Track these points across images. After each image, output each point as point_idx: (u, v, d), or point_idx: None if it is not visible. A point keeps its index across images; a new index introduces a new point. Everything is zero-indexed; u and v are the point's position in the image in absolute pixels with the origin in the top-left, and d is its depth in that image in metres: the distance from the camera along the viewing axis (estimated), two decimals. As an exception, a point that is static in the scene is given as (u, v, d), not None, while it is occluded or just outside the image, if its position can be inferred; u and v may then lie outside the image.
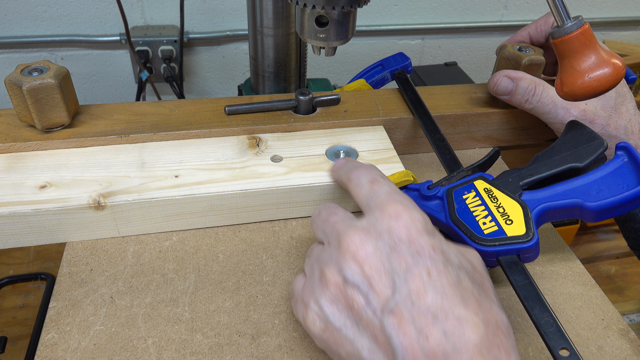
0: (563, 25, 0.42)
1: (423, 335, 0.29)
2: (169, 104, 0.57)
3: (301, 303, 0.35)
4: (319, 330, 0.33)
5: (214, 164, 0.50)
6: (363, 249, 0.33)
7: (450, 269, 0.32)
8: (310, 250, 0.38)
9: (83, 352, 0.39)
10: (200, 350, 0.39)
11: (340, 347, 0.33)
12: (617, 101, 0.54)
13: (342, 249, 0.33)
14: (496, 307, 0.32)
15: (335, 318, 0.33)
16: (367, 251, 0.33)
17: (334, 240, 0.35)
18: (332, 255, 0.34)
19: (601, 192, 0.41)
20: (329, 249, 0.35)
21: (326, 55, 0.48)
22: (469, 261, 0.34)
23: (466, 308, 0.30)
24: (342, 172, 0.43)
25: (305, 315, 0.34)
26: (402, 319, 0.30)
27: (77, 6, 1.05)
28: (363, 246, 0.33)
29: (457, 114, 0.59)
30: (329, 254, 0.34)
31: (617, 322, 0.43)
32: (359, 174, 0.39)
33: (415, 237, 0.33)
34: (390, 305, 0.31)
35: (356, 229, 0.34)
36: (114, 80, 1.17)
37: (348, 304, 0.32)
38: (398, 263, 0.32)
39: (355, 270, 0.32)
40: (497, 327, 0.30)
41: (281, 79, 0.66)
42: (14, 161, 0.49)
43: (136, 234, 0.48)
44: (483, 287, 0.33)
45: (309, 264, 0.37)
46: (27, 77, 0.47)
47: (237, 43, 1.17)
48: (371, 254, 0.32)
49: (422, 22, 1.24)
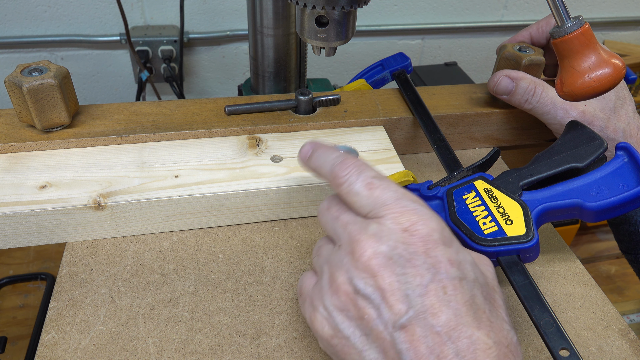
0: (563, 26, 0.42)
1: (435, 354, 0.29)
2: (169, 104, 0.57)
3: (310, 304, 0.34)
4: (327, 335, 0.33)
5: (214, 164, 0.50)
6: (376, 259, 0.31)
7: (465, 285, 0.31)
8: (318, 248, 0.37)
9: (83, 352, 0.39)
10: (200, 350, 0.39)
11: (348, 355, 0.32)
12: (617, 104, 0.54)
13: (355, 256, 0.32)
14: (507, 326, 0.31)
15: (345, 326, 0.32)
16: (380, 262, 0.31)
17: (345, 244, 0.33)
18: (344, 261, 0.33)
19: (601, 193, 0.41)
20: (339, 252, 0.33)
21: (326, 55, 0.48)
22: (483, 273, 0.34)
23: (479, 328, 0.30)
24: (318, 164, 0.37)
25: (313, 317, 0.34)
26: (415, 335, 0.29)
27: (77, 6, 1.05)
28: (377, 256, 0.31)
29: (457, 114, 0.59)
30: (340, 258, 0.33)
31: (617, 322, 0.43)
32: (348, 177, 0.34)
33: (432, 249, 0.31)
34: (402, 321, 0.30)
35: (369, 237, 0.32)
36: (114, 80, 1.17)
37: (358, 314, 0.31)
38: (413, 277, 0.30)
39: (367, 281, 0.31)
40: (507, 348, 0.30)
41: (281, 79, 0.66)
42: (14, 161, 0.49)
43: (136, 234, 0.48)
44: (494, 305, 0.32)
45: (319, 263, 0.36)
46: (27, 77, 0.47)
47: (237, 43, 1.17)
48: (384, 265, 0.31)
49: (422, 22, 1.24)
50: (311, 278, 0.36)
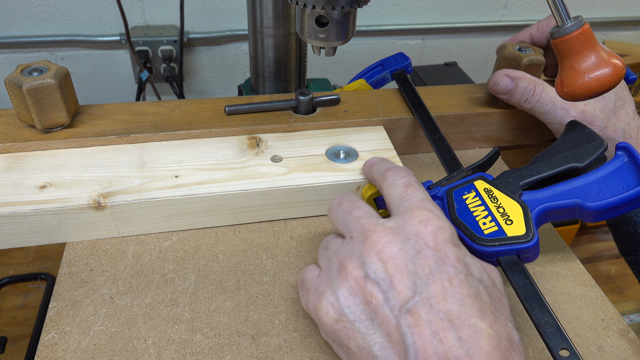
0: (563, 25, 0.42)
1: (437, 338, 0.30)
2: (169, 104, 0.57)
3: (314, 292, 0.35)
4: (331, 320, 0.33)
5: (214, 164, 0.50)
6: (389, 248, 0.33)
7: (471, 281, 0.32)
8: (325, 242, 0.38)
9: (83, 352, 0.39)
10: (200, 350, 0.39)
11: (352, 339, 0.33)
12: (617, 104, 0.54)
13: (368, 245, 0.34)
14: (511, 324, 0.32)
15: (351, 310, 0.33)
16: (392, 251, 0.33)
17: (358, 235, 0.35)
18: (355, 249, 0.34)
19: (601, 192, 0.41)
20: (351, 243, 0.35)
21: (326, 55, 0.48)
22: (490, 277, 0.35)
23: (482, 319, 0.30)
24: (376, 168, 0.43)
25: (318, 304, 0.34)
26: (419, 319, 0.30)
27: (77, 6, 1.05)
28: (389, 246, 0.33)
29: (457, 114, 0.59)
30: (351, 248, 0.35)
31: (617, 322, 0.43)
32: (395, 174, 0.40)
33: (442, 245, 0.33)
34: (408, 305, 0.31)
35: (384, 228, 0.34)
36: (114, 80, 1.17)
37: (366, 298, 0.32)
38: (421, 266, 0.32)
39: (378, 267, 0.33)
40: (510, 342, 0.31)
41: (281, 79, 0.66)
42: (14, 161, 0.49)
43: (136, 234, 0.48)
44: (500, 304, 0.33)
45: (326, 256, 0.37)
46: (27, 77, 0.47)
47: (237, 43, 1.17)
48: (396, 254, 0.33)
49: (422, 22, 1.24)
50: (314, 270, 0.37)
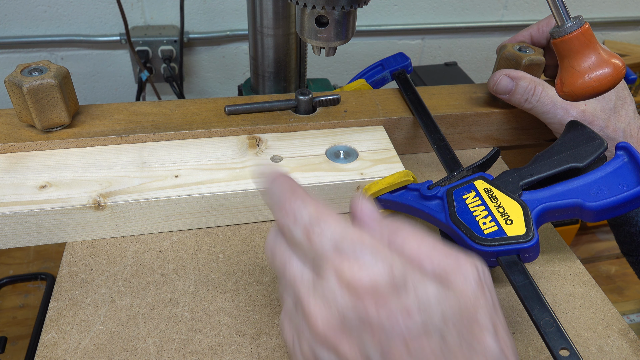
0: (563, 25, 0.42)
1: None
2: (169, 104, 0.57)
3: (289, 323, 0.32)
4: None
5: (214, 164, 0.50)
6: (330, 328, 0.28)
7: (432, 331, 0.27)
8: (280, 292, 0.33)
9: (83, 352, 0.39)
10: (200, 350, 0.39)
11: None
12: (617, 104, 0.54)
13: (309, 324, 0.29)
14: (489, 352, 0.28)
15: None
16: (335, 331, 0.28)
17: (299, 307, 0.30)
18: (301, 324, 0.30)
19: (601, 192, 0.41)
20: (296, 315, 0.31)
21: (326, 55, 0.48)
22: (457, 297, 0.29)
23: None
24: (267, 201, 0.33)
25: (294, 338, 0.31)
26: None
27: (77, 6, 1.05)
28: (329, 324, 0.28)
29: (457, 114, 0.59)
30: (299, 321, 0.30)
31: (617, 322, 0.43)
32: (286, 223, 0.30)
33: (382, 305, 0.27)
34: None
35: (316, 300, 0.29)
36: (114, 80, 1.17)
37: None
38: (371, 342, 0.28)
39: (330, 353, 0.29)
40: None
41: (281, 79, 0.66)
42: (14, 161, 0.49)
43: (136, 234, 0.48)
44: (472, 332, 0.28)
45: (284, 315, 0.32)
46: (27, 77, 0.47)
47: (237, 43, 1.17)
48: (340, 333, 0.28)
49: (422, 22, 1.24)
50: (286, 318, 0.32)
